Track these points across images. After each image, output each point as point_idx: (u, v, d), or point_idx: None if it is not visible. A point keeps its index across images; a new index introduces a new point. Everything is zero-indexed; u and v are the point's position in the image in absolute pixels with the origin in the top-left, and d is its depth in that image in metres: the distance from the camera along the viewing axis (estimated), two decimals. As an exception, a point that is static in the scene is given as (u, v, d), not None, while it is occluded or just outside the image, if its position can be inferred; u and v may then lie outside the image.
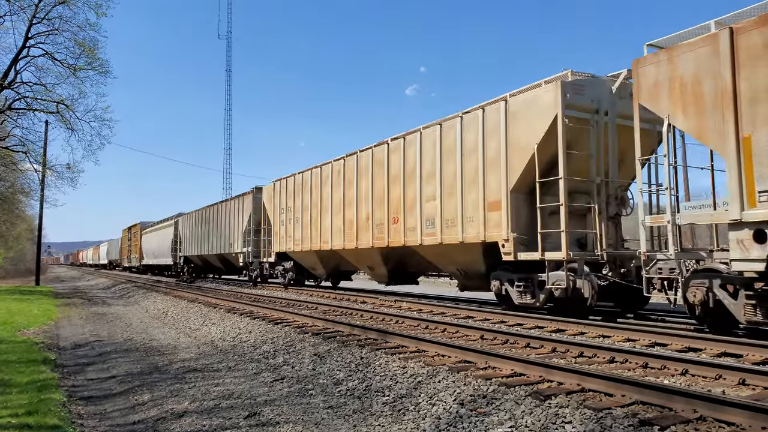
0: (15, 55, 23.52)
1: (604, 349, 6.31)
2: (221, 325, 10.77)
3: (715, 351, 6.53)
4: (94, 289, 29.19)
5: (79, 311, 16.10)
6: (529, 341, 7.14)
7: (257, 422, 4.75)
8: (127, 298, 21.02)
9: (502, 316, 9.93)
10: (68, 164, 26.15)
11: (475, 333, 8.03)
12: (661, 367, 5.60)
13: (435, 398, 4.95)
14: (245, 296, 16.88)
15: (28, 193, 34.38)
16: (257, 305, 12.88)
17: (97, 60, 23.81)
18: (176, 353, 8.49)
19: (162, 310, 15.09)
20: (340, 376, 6.12)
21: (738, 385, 4.91)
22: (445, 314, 10.95)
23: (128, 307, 17.38)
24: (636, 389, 4.38)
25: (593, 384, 4.70)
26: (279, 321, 10.20)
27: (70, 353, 8.93)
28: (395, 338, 7.52)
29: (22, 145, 25.76)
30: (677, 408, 4.04)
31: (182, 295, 18.18)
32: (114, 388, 6.43)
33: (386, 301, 13.80)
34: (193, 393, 5.87)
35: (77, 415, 5.26)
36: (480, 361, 5.91)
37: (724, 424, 3.76)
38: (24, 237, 55.25)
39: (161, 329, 11.55)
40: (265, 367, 7.07)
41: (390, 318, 10.24)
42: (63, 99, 24.17)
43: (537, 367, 5.31)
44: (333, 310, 12.17)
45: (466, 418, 4.38)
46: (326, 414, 4.96)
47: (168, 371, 7.13)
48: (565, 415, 4.12)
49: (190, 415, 5.02)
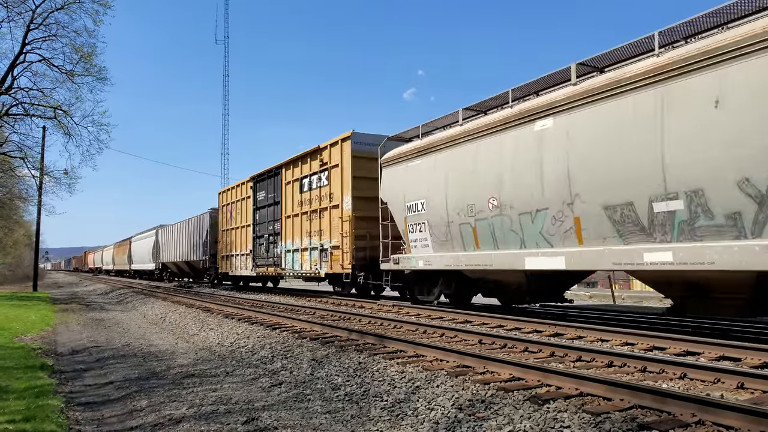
0: (12, 61, 23.52)
1: (602, 353, 6.31)
2: (219, 330, 10.75)
3: (714, 354, 6.54)
4: (91, 295, 29.11)
5: (77, 317, 16.05)
6: (527, 345, 7.14)
7: (255, 427, 4.73)
8: (125, 304, 20.97)
9: (500, 321, 9.93)
10: (66, 169, 26.13)
11: (473, 337, 8.03)
12: (660, 371, 5.60)
13: (433, 403, 4.94)
14: (243, 301, 16.86)
15: (25, 198, 34.37)
16: (255, 310, 12.86)
17: (94, 66, 23.84)
18: (174, 359, 8.46)
19: (160, 315, 15.05)
20: (338, 381, 6.11)
21: (736, 389, 4.91)
22: (444, 319, 10.95)
23: (126, 313, 17.33)
24: (634, 393, 4.38)
25: (591, 388, 4.70)
26: (277, 326, 10.18)
27: (68, 359, 8.90)
28: (393, 343, 7.51)
29: (20, 151, 25.77)
30: (675, 412, 4.03)
31: (180, 300, 18.15)
32: (112, 393, 6.41)
33: (384, 305, 13.78)
34: (190, 398, 5.85)
35: (75, 421, 5.23)
36: (478, 366, 5.91)
37: (723, 427, 3.75)
38: (22, 243, 55.20)
39: (159, 335, 11.52)
40: (263, 372, 7.06)
41: (388, 323, 10.23)
42: (60, 104, 24.18)
43: (535, 371, 5.31)
44: (331, 314, 12.16)
45: (464, 423, 4.37)
46: (324, 419, 4.94)
47: (166, 377, 7.11)
48: (563, 419, 4.11)
49: (188, 421, 5.00)
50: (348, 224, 15.29)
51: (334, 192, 16.20)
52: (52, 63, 23.67)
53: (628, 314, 11.52)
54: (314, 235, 17.35)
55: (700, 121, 6.87)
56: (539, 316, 10.83)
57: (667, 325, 9.25)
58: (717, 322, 9.57)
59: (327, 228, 16.57)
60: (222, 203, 26.98)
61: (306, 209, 17.92)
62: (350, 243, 15.15)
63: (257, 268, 21.93)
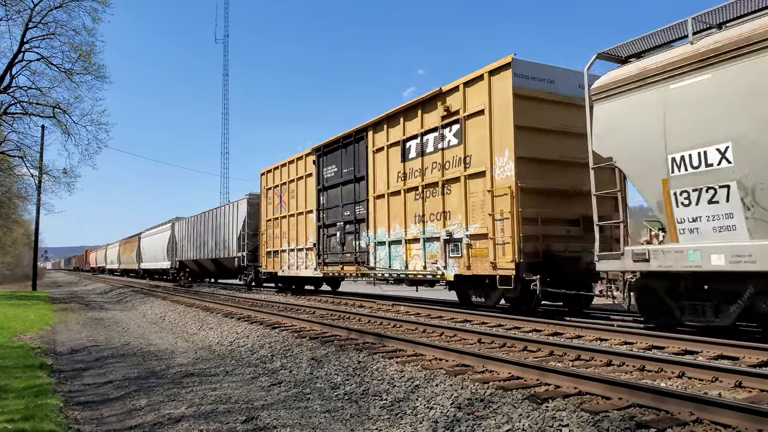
0: (10, 60, 23.55)
1: (601, 352, 6.32)
2: (219, 329, 10.76)
3: (712, 353, 6.55)
4: (91, 294, 29.11)
5: (76, 316, 16.05)
6: (526, 344, 7.15)
7: (255, 426, 4.74)
8: (125, 303, 20.97)
9: (500, 320, 9.93)
10: (65, 169, 26.16)
11: (472, 336, 8.04)
12: (658, 370, 5.61)
13: (432, 402, 4.95)
14: (243, 301, 16.86)
15: (24, 197, 34.37)
16: (255, 309, 12.87)
17: (93, 64, 23.86)
18: (173, 358, 8.47)
19: (159, 314, 15.06)
20: (338, 380, 6.12)
21: (734, 388, 4.92)
22: (443, 318, 10.95)
23: (125, 312, 17.33)
24: (633, 392, 4.39)
25: (590, 387, 4.71)
26: (276, 325, 10.19)
27: (67, 358, 8.90)
28: (392, 342, 7.51)
29: (19, 150, 25.79)
30: (674, 410, 4.04)
31: (180, 299, 18.15)
32: (111, 393, 6.41)
33: (384, 305, 13.79)
34: (190, 397, 5.86)
35: (74, 420, 5.24)
36: (477, 365, 5.91)
37: (721, 426, 3.76)
38: (21, 242, 55.20)
39: (158, 334, 11.52)
40: (263, 371, 7.07)
41: (387, 322, 10.24)
42: (59, 103, 24.20)
43: (534, 370, 5.31)
44: (330, 314, 12.16)
45: (463, 422, 4.38)
46: (323, 418, 4.95)
47: (165, 376, 7.12)
48: (562, 418, 4.12)
49: (187, 420, 5.01)
50: (507, 201, 10.11)
51: (474, 153, 11.01)
52: (51, 62, 23.73)
53: (628, 313, 11.53)
54: (432, 219, 12.14)
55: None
56: (538, 315, 10.84)
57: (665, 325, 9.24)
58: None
59: (459, 207, 11.32)
60: (266, 186, 21.20)
61: (414, 183, 12.68)
62: (514, 228, 9.96)
63: (325, 266, 16.78)
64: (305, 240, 18.06)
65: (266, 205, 21.18)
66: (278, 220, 20.11)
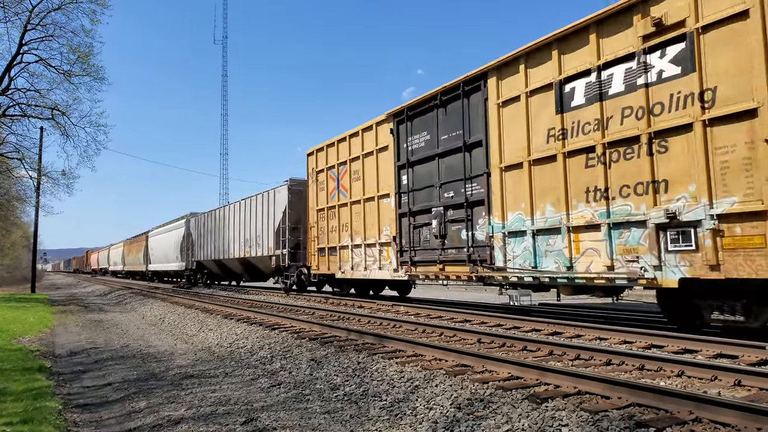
0: (9, 62, 23.52)
1: (600, 351, 6.32)
2: (218, 331, 10.75)
3: (711, 352, 6.56)
4: (90, 296, 29.08)
5: (75, 318, 16.03)
6: (525, 344, 7.15)
7: (254, 428, 4.73)
8: (124, 305, 20.95)
9: (499, 320, 9.93)
10: (64, 170, 26.12)
11: (472, 336, 8.04)
12: (658, 369, 5.61)
13: (432, 402, 4.95)
14: (242, 302, 16.85)
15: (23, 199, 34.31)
16: (254, 311, 12.86)
17: (92, 66, 23.84)
18: (173, 360, 8.46)
19: (159, 316, 15.04)
20: (337, 381, 6.11)
21: (733, 387, 4.93)
22: (443, 318, 10.95)
23: (125, 314, 17.31)
24: (632, 391, 4.39)
25: (590, 386, 4.71)
26: (276, 326, 10.18)
27: (66, 361, 8.89)
28: (392, 343, 7.51)
29: (17, 152, 25.74)
30: (673, 409, 4.05)
31: (179, 301, 18.14)
32: (110, 395, 6.40)
33: (383, 305, 13.79)
34: (189, 399, 5.85)
35: (73, 422, 5.23)
36: (477, 365, 5.92)
37: (720, 425, 3.77)
38: (19, 244, 55.13)
39: (158, 336, 11.51)
40: (262, 372, 7.06)
41: (387, 322, 10.24)
42: (57, 105, 24.18)
43: (533, 370, 5.32)
44: (330, 314, 12.16)
45: (463, 422, 4.38)
46: (323, 419, 4.95)
47: (164, 378, 7.11)
48: (561, 417, 4.12)
49: (187, 422, 5.01)
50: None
51: (722, 84, 7.08)
52: (50, 63, 23.69)
53: (628, 313, 11.55)
54: (627, 194, 8.22)
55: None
56: (538, 315, 10.85)
57: (666, 323, 9.26)
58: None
59: (688, 173, 7.46)
60: (316, 168, 17.56)
61: (585, 142, 8.83)
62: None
63: (413, 266, 12.97)
64: (377, 233, 14.37)
65: (316, 191, 17.46)
66: (334, 210, 16.38)
